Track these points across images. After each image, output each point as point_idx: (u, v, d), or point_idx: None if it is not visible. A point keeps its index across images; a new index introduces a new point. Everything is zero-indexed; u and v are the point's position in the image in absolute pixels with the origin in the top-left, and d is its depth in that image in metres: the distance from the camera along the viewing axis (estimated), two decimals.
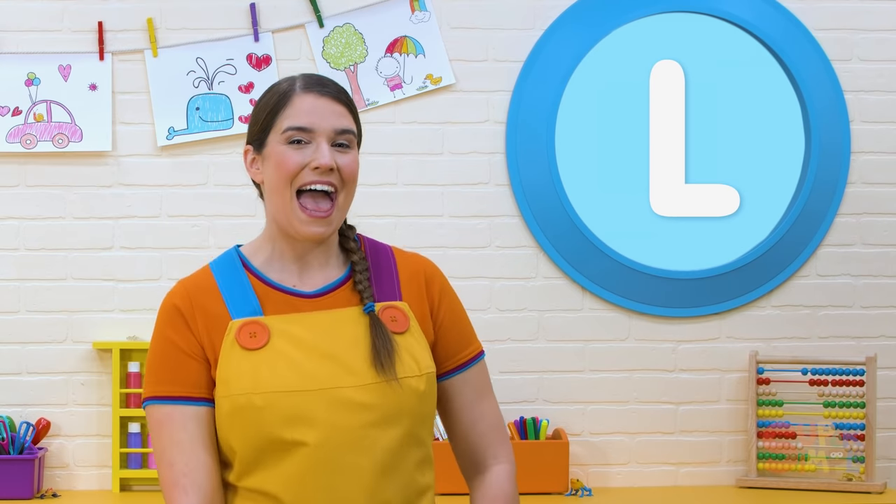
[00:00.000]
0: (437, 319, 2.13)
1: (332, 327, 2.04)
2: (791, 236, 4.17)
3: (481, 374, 2.18)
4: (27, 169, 4.03)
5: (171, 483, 1.99)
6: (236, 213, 4.07)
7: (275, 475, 1.99)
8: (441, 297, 2.14)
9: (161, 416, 2.02)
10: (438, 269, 2.17)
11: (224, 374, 2.01)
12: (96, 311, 4.04)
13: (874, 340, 4.22)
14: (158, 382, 2.03)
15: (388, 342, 2.03)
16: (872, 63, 4.22)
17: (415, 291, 2.12)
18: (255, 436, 1.98)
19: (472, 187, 4.13)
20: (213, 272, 2.09)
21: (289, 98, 2.05)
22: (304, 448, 1.97)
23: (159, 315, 2.07)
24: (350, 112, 2.07)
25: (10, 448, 3.89)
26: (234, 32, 4.06)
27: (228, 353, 2.01)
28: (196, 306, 2.04)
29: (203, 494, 1.99)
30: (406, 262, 2.15)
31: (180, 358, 2.03)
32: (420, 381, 2.04)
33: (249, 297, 2.05)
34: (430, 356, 2.09)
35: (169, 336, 2.04)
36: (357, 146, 2.09)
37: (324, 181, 2.02)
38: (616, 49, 4.15)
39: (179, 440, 2.00)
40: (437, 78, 4.11)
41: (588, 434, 4.16)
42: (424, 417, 2.06)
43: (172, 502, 1.99)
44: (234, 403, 1.99)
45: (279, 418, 1.97)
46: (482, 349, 2.19)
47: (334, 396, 1.99)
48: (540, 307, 4.14)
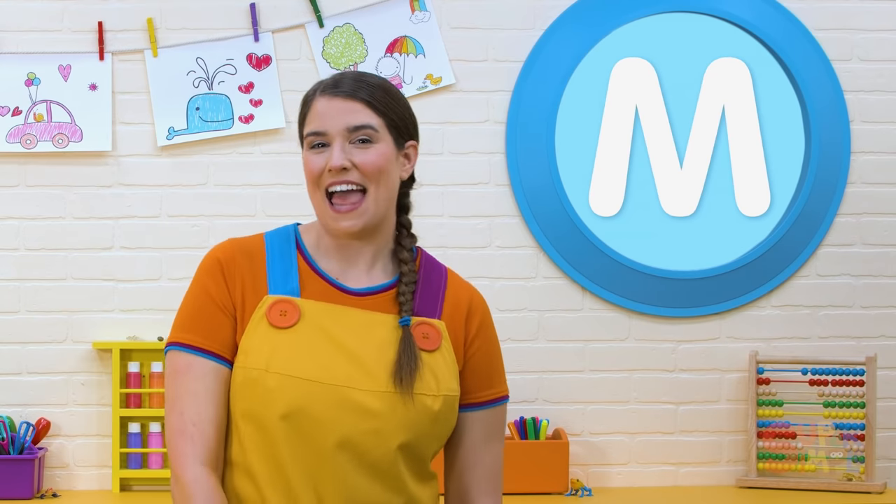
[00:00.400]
0: (468, 351, 2.11)
1: (362, 328, 2.04)
2: (791, 236, 4.17)
3: (497, 419, 2.15)
4: (27, 169, 4.03)
5: (179, 430, 2.00)
6: (236, 213, 4.07)
7: (262, 455, 2.00)
8: (479, 331, 2.12)
9: (182, 363, 2.02)
10: (485, 304, 2.15)
11: (246, 344, 2.01)
12: (96, 311, 4.04)
13: (874, 340, 4.22)
14: (187, 330, 2.04)
15: (414, 360, 2.02)
16: (872, 63, 4.22)
17: (455, 317, 2.10)
18: (254, 413, 1.99)
19: (472, 187, 4.13)
20: (265, 241, 2.09)
21: (310, 103, 2.08)
22: (297, 438, 1.98)
23: (201, 265, 2.08)
24: (369, 105, 2.05)
25: (10, 448, 3.88)
26: (234, 32, 4.06)
27: (256, 325, 2.02)
28: (238, 267, 2.05)
29: (208, 448, 1.99)
30: (456, 286, 2.14)
31: (213, 311, 2.04)
32: (435, 401, 2.03)
33: (292, 276, 2.05)
34: (456, 380, 2.08)
35: (207, 286, 2.05)
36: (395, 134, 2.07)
37: (341, 181, 2.03)
38: (616, 49, 4.15)
39: (195, 390, 2.00)
40: (437, 78, 4.11)
41: (588, 434, 4.16)
42: (432, 436, 2.05)
43: (176, 449, 1.99)
44: (247, 376, 2.00)
45: (284, 404, 1.97)
46: (507, 394, 2.16)
47: (344, 395, 1.99)
48: (540, 307, 4.14)
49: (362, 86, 2.07)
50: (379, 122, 2.05)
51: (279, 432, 1.98)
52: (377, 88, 2.07)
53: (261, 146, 4.07)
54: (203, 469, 1.98)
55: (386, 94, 2.08)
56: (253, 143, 4.07)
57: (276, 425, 1.98)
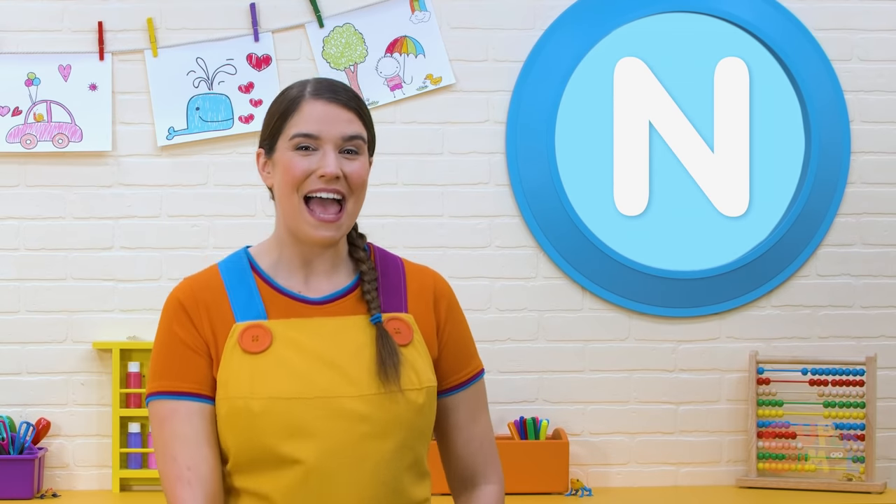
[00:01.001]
0: (442, 337, 2.12)
1: (335, 335, 2.03)
2: (791, 236, 4.17)
3: (479, 393, 2.17)
4: (27, 169, 4.03)
5: (175, 477, 1.98)
6: (236, 213, 4.07)
7: (270, 480, 1.99)
8: (448, 314, 2.13)
9: (165, 411, 2.01)
10: (448, 285, 2.16)
11: (224, 376, 2.00)
12: (96, 311, 4.04)
13: (874, 340, 4.22)
14: (163, 378, 2.03)
15: (395, 354, 2.02)
16: (872, 63, 4.22)
17: (422, 306, 2.11)
18: (249, 442, 1.98)
19: (472, 187, 4.13)
20: (220, 272, 2.08)
21: (298, 104, 2.04)
22: (300, 461, 1.97)
23: (164, 311, 2.06)
24: (360, 118, 2.05)
25: (10, 448, 3.88)
26: (234, 32, 4.06)
27: (230, 355, 2.01)
28: (201, 304, 2.04)
29: (207, 489, 1.98)
30: (415, 275, 2.14)
31: (186, 354, 2.02)
32: (419, 395, 2.03)
33: (255, 301, 2.04)
34: (432, 370, 2.08)
35: (174, 331, 2.04)
36: (369, 151, 2.08)
37: (330, 189, 2.01)
38: (616, 49, 4.15)
39: (184, 434, 1.99)
40: (437, 78, 4.11)
41: (588, 434, 4.16)
42: (421, 431, 2.05)
43: (175, 495, 1.98)
44: (232, 406, 1.99)
45: (275, 427, 1.97)
46: (482, 367, 2.18)
47: (332, 406, 1.98)
48: (540, 307, 4.14)
49: (355, 97, 2.07)
50: (365, 135, 2.06)
51: (278, 455, 1.97)
52: (363, 102, 2.08)
53: None
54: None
55: (366, 108, 2.09)
56: (253, 143, 4.07)
57: (272, 449, 1.97)
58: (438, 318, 2.12)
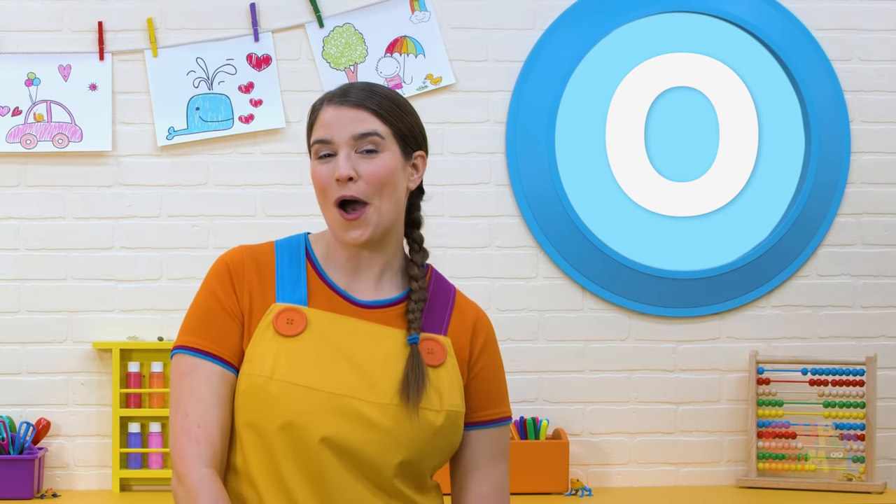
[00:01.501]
0: (472, 369, 2.11)
1: (368, 340, 2.03)
2: (791, 236, 4.17)
3: (500, 439, 2.15)
4: (27, 169, 4.03)
5: (183, 431, 1.99)
6: (236, 213, 4.07)
7: (263, 463, 1.99)
8: (483, 350, 2.12)
9: (187, 366, 2.02)
10: (490, 324, 2.16)
11: (251, 352, 2.01)
12: (96, 311, 4.04)
13: (874, 340, 4.22)
14: (193, 333, 2.03)
15: (422, 377, 2.01)
16: (872, 63, 4.22)
17: (460, 334, 2.10)
18: (257, 420, 1.98)
19: (472, 187, 4.13)
20: (276, 250, 2.09)
21: (316, 113, 2.07)
22: (301, 452, 1.97)
23: (211, 270, 2.08)
24: (376, 114, 2.04)
25: (10, 448, 3.88)
26: (234, 32, 4.06)
27: (262, 333, 2.02)
28: (247, 274, 2.05)
29: (212, 450, 1.98)
30: (463, 305, 2.14)
31: (220, 316, 2.03)
32: (438, 416, 2.02)
33: (300, 285, 2.05)
34: (461, 396, 2.07)
35: (215, 291, 2.05)
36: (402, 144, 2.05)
37: (345, 194, 2.01)
38: (616, 49, 4.15)
39: (200, 392, 2.00)
40: (437, 78, 4.11)
41: (588, 434, 4.16)
42: (433, 452, 2.04)
43: (181, 450, 1.98)
44: (251, 383, 1.99)
45: (287, 412, 1.97)
46: (510, 415, 2.16)
47: (347, 405, 1.98)
48: (540, 307, 4.14)
49: (370, 95, 2.06)
50: (385, 131, 2.04)
51: (280, 441, 1.97)
52: (384, 98, 2.06)
53: (261, 146, 4.08)
54: (208, 471, 1.97)
55: (393, 103, 2.06)
56: (253, 143, 4.07)
57: (277, 434, 1.97)
58: (473, 349, 2.11)
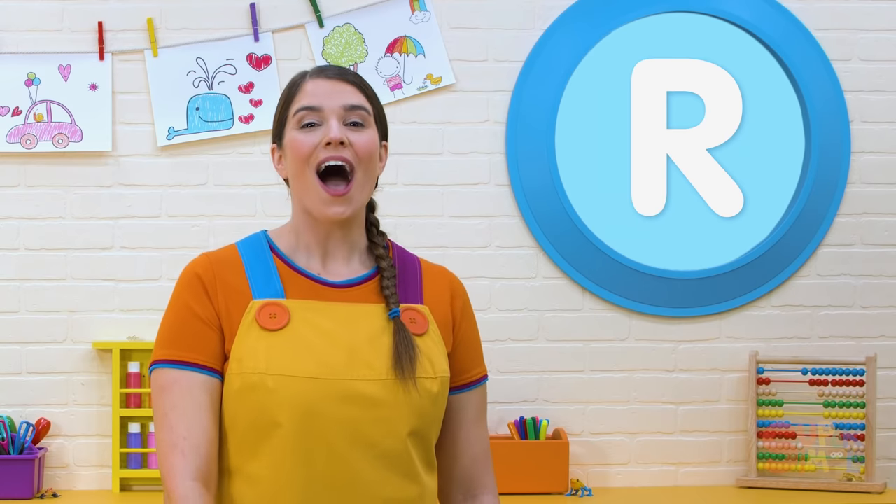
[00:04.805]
0: (457, 334, 2.13)
1: (352, 320, 2.04)
2: (791, 236, 4.17)
3: (482, 398, 2.18)
4: (27, 169, 4.04)
5: (170, 445, 1.97)
6: (236, 213, 4.07)
7: (273, 460, 1.98)
8: (464, 313, 2.15)
9: (167, 379, 2.01)
10: (462, 285, 2.18)
11: (239, 352, 2.00)
12: (96, 311, 4.04)
13: (874, 340, 4.22)
14: (169, 346, 2.02)
15: (412, 348, 2.03)
16: (872, 63, 4.22)
17: (438, 300, 2.12)
18: (260, 419, 1.98)
19: (472, 187, 4.13)
20: (238, 250, 2.09)
21: (298, 86, 2.08)
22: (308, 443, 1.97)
23: (179, 281, 2.06)
24: (362, 91, 2.07)
25: (10, 448, 3.89)
26: (234, 32, 4.07)
27: (246, 331, 2.01)
28: (218, 279, 2.04)
29: (199, 462, 1.97)
30: (431, 272, 2.15)
31: (196, 325, 2.02)
32: (434, 384, 2.04)
33: (273, 279, 2.05)
34: (446, 361, 2.09)
35: (187, 302, 2.03)
36: (377, 127, 2.08)
37: (336, 157, 2.02)
38: (616, 49, 4.15)
39: (183, 405, 1.99)
40: (437, 78, 4.11)
41: (588, 434, 4.16)
42: (433, 420, 2.06)
43: (169, 464, 1.97)
44: (246, 382, 1.98)
45: (287, 405, 1.96)
46: (487, 373, 2.19)
47: (347, 387, 1.98)
48: (540, 307, 4.14)
49: (354, 74, 2.10)
50: (370, 108, 2.08)
51: (287, 434, 1.97)
52: (363, 79, 2.10)
53: (261, 146, 4.08)
54: (194, 484, 1.95)
55: (371, 88, 2.11)
56: (253, 143, 4.07)
57: (282, 427, 1.97)
58: (454, 314, 2.13)
